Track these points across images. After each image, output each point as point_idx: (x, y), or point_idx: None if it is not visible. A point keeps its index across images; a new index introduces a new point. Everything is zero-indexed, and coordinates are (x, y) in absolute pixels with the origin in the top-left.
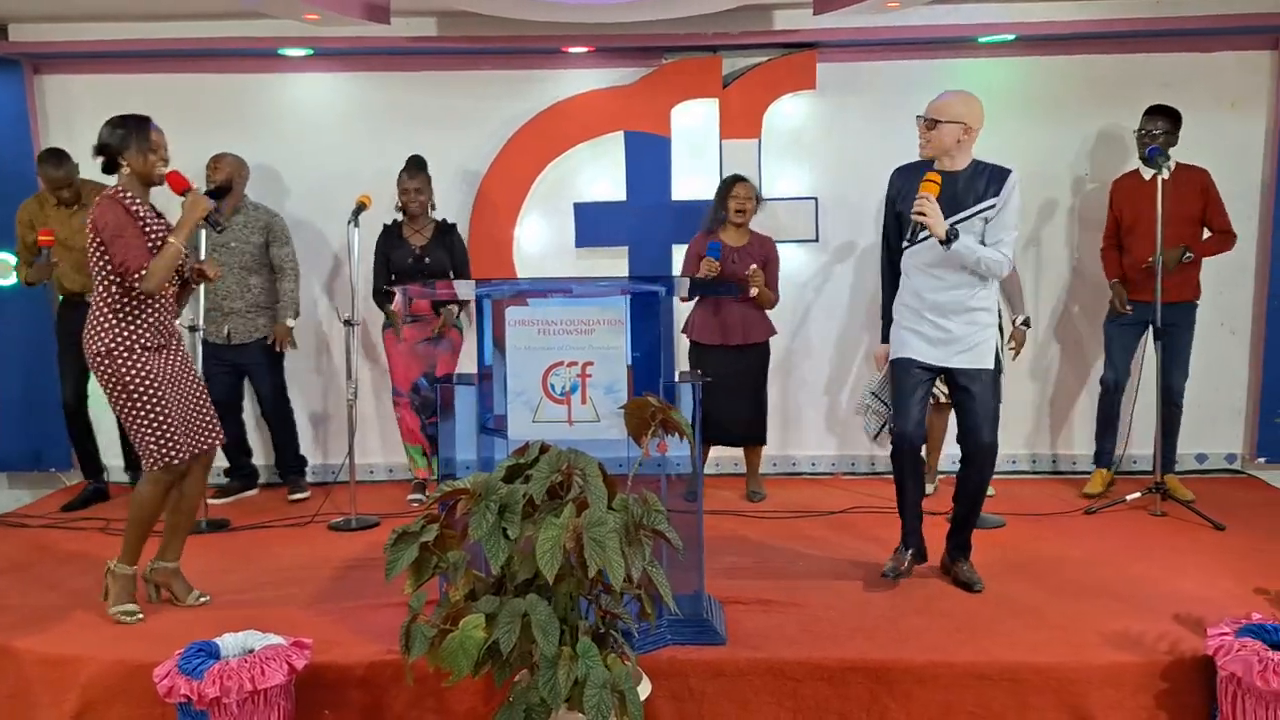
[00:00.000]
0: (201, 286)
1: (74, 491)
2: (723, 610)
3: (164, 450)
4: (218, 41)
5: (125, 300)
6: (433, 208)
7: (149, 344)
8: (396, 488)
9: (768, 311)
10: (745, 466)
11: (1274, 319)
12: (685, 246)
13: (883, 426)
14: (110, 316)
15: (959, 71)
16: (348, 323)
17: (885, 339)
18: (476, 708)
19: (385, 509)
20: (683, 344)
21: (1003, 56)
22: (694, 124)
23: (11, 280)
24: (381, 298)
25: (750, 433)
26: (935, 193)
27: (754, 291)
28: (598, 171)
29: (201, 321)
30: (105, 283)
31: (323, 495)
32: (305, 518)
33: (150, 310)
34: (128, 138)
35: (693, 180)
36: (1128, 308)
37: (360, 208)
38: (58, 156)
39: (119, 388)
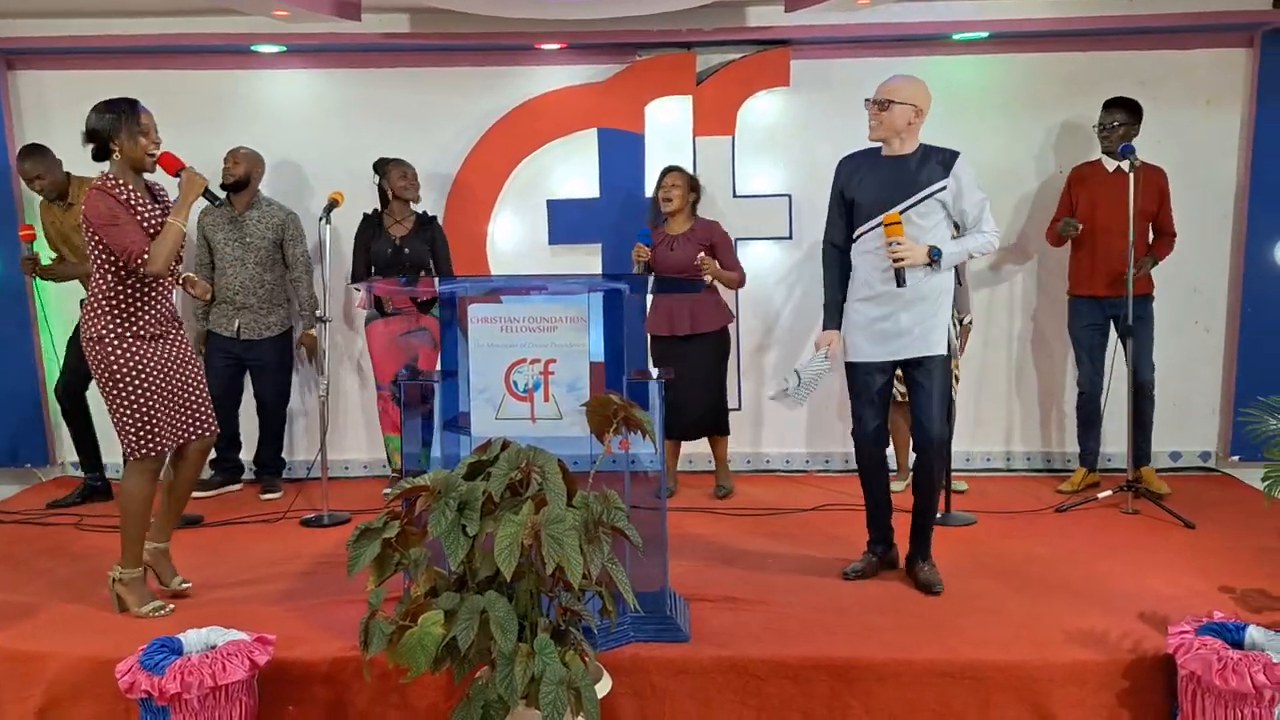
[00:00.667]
0: (214, 284)
1: (49, 488)
2: (688, 607)
3: (144, 440)
4: (192, 37)
5: (121, 289)
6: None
7: (145, 332)
8: (371, 483)
9: (735, 292)
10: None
11: (1248, 317)
12: None
13: (782, 391)
14: (105, 304)
15: (933, 69)
16: (320, 319)
17: (826, 326)
18: (438, 704)
19: (359, 505)
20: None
21: (977, 54)
22: (667, 121)
23: None
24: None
25: (707, 424)
26: (900, 234)
27: (708, 279)
28: (571, 168)
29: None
30: (101, 271)
31: (295, 491)
32: (278, 514)
33: (148, 298)
34: (117, 122)
35: None
36: (1076, 229)
37: (332, 205)
38: (28, 150)
39: (105, 374)
